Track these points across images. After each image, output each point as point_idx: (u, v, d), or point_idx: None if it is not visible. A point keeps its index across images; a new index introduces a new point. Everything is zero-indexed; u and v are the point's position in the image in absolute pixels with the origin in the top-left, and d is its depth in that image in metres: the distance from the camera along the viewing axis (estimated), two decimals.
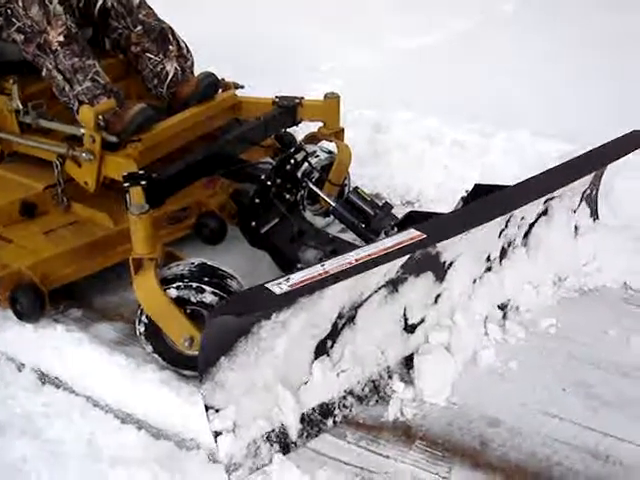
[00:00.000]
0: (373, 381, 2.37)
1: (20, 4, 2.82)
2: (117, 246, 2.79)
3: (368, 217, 2.72)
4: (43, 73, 2.87)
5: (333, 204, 2.78)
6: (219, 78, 3.20)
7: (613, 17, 5.35)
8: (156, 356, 2.46)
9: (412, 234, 2.12)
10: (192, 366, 2.43)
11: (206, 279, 2.36)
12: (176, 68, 3.12)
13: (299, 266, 2.69)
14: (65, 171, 2.88)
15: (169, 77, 3.12)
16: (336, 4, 5.83)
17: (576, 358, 2.54)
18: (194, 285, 2.34)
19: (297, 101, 3.15)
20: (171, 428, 2.30)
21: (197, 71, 3.21)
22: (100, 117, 2.72)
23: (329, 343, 2.24)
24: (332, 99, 3.16)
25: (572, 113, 2.90)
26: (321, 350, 2.23)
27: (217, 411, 2.02)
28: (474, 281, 2.59)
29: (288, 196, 2.84)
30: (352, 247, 2.72)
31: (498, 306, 2.68)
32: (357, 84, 4.30)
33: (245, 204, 2.77)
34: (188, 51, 3.20)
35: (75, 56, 2.82)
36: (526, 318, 2.69)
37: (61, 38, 2.80)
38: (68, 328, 2.66)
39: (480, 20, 5.64)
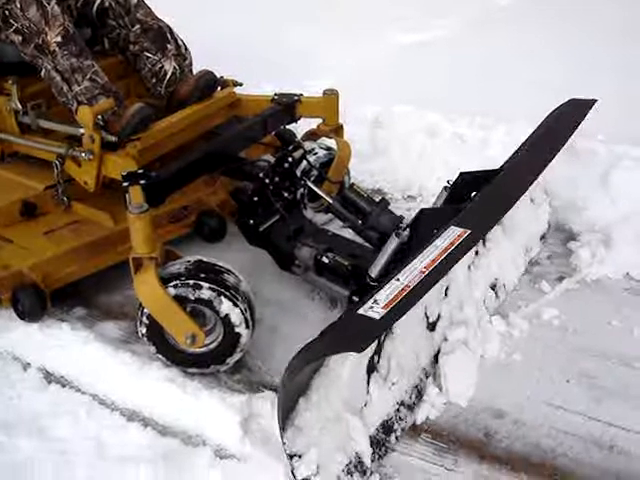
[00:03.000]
0: (416, 386, 2.34)
1: (18, 5, 2.82)
2: (118, 246, 2.79)
3: (365, 213, 2.72)
4: (42, 73, 2.87)
5: (330, 201, 2.78)
6: (218, 76, 3.20)
7: (614, 8, 5.35)
8: (160, 356, 2.47)
9: (458, 232, 2.11)
10: (195, 363, 2.46)
11: (203, 275, 2.36)
12: (174, 67, 3.12)
13: (297, 263, 2.70)
14: (65, 171, 2.88)
15: (167, 76, 3.11)
16: (335, 0, 5.82)
17: (579, 349, 2.55)
18: (191, 282, 2.34)
19: (296, 98, 3.15)
20: (177, 425, 2.30)
21: (196, 69, 3.21)
22: (99, 117, 2.73)
23: (375, 358, 2.19)
24: (331, 95, 3.16)
25: None
26: (371, 367, 2.19)
27: (300, 457, 1.98)
28: (469, 267, 2.59)
29: (286, 194, 2.83)
30: (351, 244, 2.75)
31: (490, 287, 2.70)
32: (357, 80, 4.30)
33: (244, 202, 2.77)
34: (186, 50, 3.20)
35: (73, 56, 2.81)
36: (529, 310, 2.71)
37: (59, 39, 2.80)
38: (73, 327, 2.66)
39: (479, 13, 5.64)
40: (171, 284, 2.34)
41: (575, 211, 3.19)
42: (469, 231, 2.11)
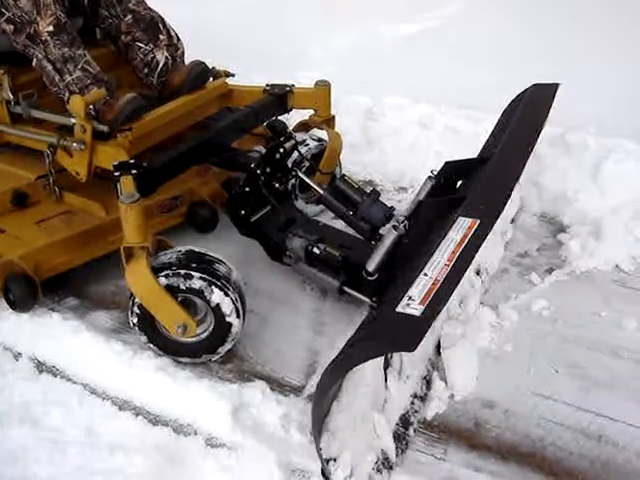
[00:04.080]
0: (425, 377, 2.36)
1: None
2: (109, 235, 2.79)
3: (355, 204, 2.72)
4: (33, 63, 2.85)
5: (321, 192, 2.78)
6: (210, 67, 3.19)
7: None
8: (151, 346, 2.48)
9: (468, 222, 2.10)
10: (187, 353, 2.47)
11: (194, 265, 2.36)
12: (166, 57, 3.12)
13: (287, 253, 2.70)
14: (56, 161, 2.87)
15: (159, 66, 3.11)
16: None
17: (569, 340, 2.57)
18: (182, 272, 2.35)
19: (288, 89, 3.15)
20: (168, 414, 2.31)
21: (188, 59, 3.20)
22: (91, 107, 2.72)
23: (389, 354, 2.21)
24: (323, 86, 3.16)
25: (563, 96, 2.92)
26: (386, 363, 2.21)
27: (335, 460, 1.98)
28: None
29: (278, 185, 2.84)
30: (342, 234, 2.75)
31: (475, 273, 2.73)
32: (348, 71, 4.31)
33: (235, 193, 2.77)
34: (178, 40, 3.19)
35: (65, 46, 2.81)
36: (519, 302, 2.72)
37: (51, 28, 2.79)
38: (64, 317, 2.66)
39: (471, 5, 5.64)
40: (162, 274, 2.34)
41: (565, 203, 3.22)
42: (478, 221, 2.10)
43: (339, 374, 1.85)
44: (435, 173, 2.60)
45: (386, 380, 2.21)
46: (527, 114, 2.77)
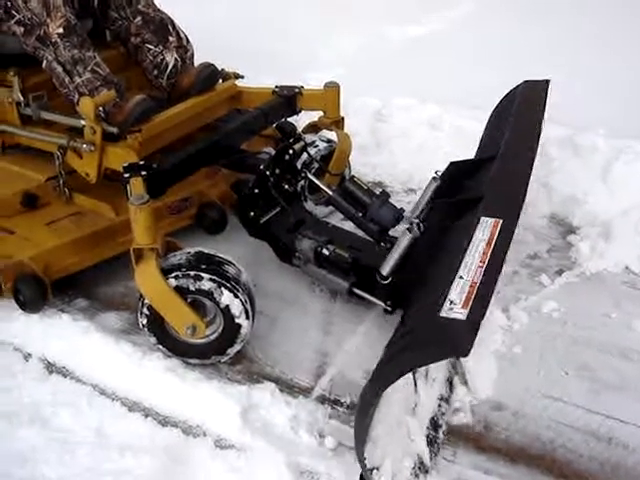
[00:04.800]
0: (448, 379, 2.35)
1: None
2: (119, 237, 2.79)
3: (365, 206, 2.71)
4: (43, 65, 2.87)
5: (330, 193, 2.78)
6: (219, 68, 3.20)
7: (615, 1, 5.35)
8: (161, 347, 2.48)
9: (491, 222, 2.07)
10: (196, 354, 2.47)
11: (203, 266, 2.37)
12: (176, 59, 3.13)
13: (297, 255, 2.70)
14: (66, 162, 2.88)
15: (169, 68, 3.12)
16: None
17: (579, 342, 2.57)
18: (192, 273, 2.35)
19: (297, 90, 3.15)
20: (178, 415, 2.31)
21: (197, 61, 3.21)
22: (100, 108, 2.73)
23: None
24: (332, 88, 3.16)
25: (573, 98, 2.92)
26: None
27: (378, 469, 1.96)
28: None
29: (287, 186, 2.84)
30: (352, 236, 2.74)
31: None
32: (357, 72, 4.31)
33: (244, 194, 2.78)
34: (188, 42, 3.20)
35: (75, 48, 2.82)
36: (529, 303, 2.71)
37: (61, 30, 2.80)
38: (74, 318, 2.67)
39: (479, 6, 5.63)
40: (172, 275, 2.35)
41: (575, 204, 3.21)
42: (501, 220, 2.09)
43: (387, 383, 1.78)
44: (439, 174, 2.59)
45: (415, 385, 2.20)
46: (524, 111, 2.74)
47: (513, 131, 2.61)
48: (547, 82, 2.90)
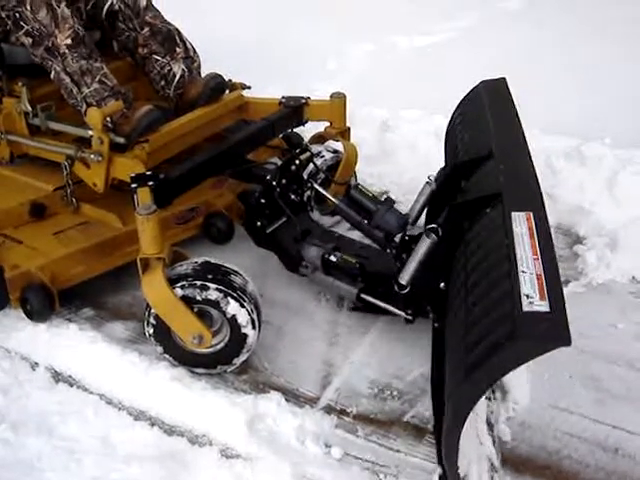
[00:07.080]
0: None
1: (28, 7, 2.84)
2: (126, 246, 2.80)
3: (370, 213, 2.71)
4: (51, 76, 2.89)
5: (336, 202, 2.77)
6: (226, 79, 3.21)
7: (624, 10, 5.35)
8: (167, 357, 2.49)
9: (523, 215, 2.01)
10: (202, 364, 2.48)
11: (210, 276, 2.37)
12: (183, 69, 3.14)
13: (304, 264, 2.71)
14: (74, 172, 2.90)
15: (176, 79, 3.14)
16: (342, 2, 5.83)
17: (585, 352, 2.55)
18: (198, 283, 2.36)
19: (303, 101, 3.17)
20: (184, 424, 2.31)
21: (204, 72, 3.23)
22: (108, 119, 2.75)
23: None
24: (338, 99, 3.17)
25: (579, 108, 2.92)
26: None
27: (465, 477, 1.92)
28: None
29: (293, 196, 2.85)
30: (358, 244, 2.75)
31: None
32: (364, 83, 4.32)
33: (251, 204, 2.78)
34: (195, 52, 3.22)
35: (83, 59, 2.84)
36: None
37: (69, 41, 2.83)
38: (81, 327, 2.68)
39: (487, 17, 5.64)
40: (178, 285, 2.35)
41: (581, 215, 3.20)
42: (531, 212, 2.05)
43: (481, 389, 1.71)
44: (432, 178, 2.57)
45: None
46: (500, 109, 2.69)
47: (499, 128, 2.57)
48: (504, 80, 2.88)
